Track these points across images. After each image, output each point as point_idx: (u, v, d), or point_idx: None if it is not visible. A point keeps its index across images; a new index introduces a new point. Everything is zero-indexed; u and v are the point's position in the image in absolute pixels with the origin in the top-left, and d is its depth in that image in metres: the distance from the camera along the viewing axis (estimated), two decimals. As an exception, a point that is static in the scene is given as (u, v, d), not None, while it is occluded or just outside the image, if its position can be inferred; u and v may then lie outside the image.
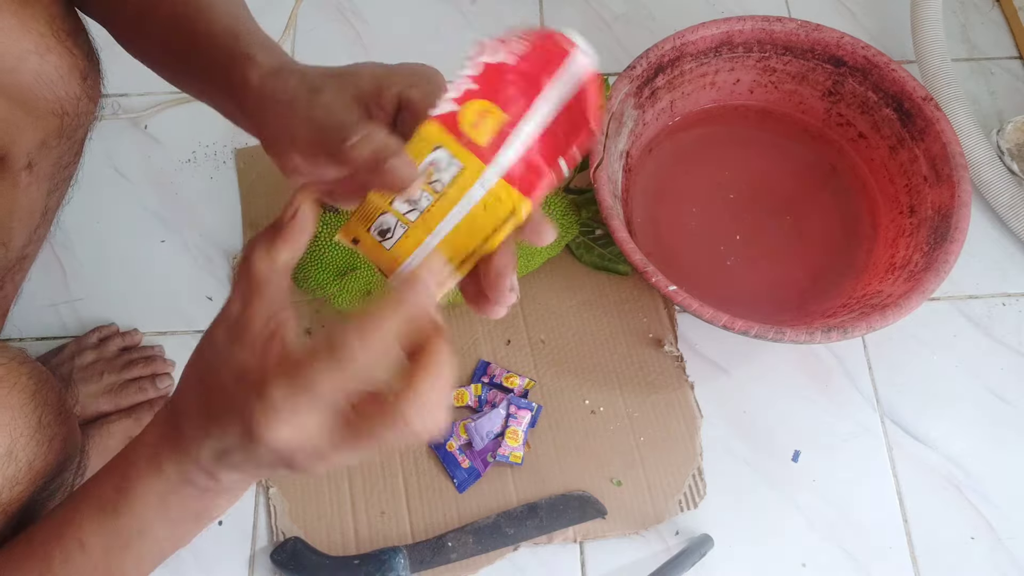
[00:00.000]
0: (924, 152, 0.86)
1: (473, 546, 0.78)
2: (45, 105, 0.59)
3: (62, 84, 0.59)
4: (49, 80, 0.58)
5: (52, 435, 0.50)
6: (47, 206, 0.66)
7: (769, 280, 0.89)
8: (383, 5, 1.10)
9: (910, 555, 0.80)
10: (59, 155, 0.63)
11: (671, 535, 0.80)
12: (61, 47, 0.58)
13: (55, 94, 0.59)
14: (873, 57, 0.88)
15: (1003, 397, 0.87)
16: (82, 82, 0.61)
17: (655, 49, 0.87)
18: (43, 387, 0.50)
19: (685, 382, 0.86)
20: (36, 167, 0.61)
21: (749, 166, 0.95)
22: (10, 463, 0.47)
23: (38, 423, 0.49)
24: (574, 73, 0.40)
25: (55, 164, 0.64)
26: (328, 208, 0.80)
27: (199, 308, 0.91)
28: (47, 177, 0.63)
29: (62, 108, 0.60)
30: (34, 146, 0.60)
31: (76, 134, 0.64)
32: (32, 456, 0.48)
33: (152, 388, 0.83)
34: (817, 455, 0.84)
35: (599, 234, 0.90)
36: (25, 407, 0.48)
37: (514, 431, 0.81)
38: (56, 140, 0.62)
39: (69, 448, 0.51)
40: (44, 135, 0.60)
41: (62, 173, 0.66)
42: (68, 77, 0.59)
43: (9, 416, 0.47)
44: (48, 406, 0.50)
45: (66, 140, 0.63)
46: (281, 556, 0.77)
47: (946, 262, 0.78)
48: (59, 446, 0.50)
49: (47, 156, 0.62)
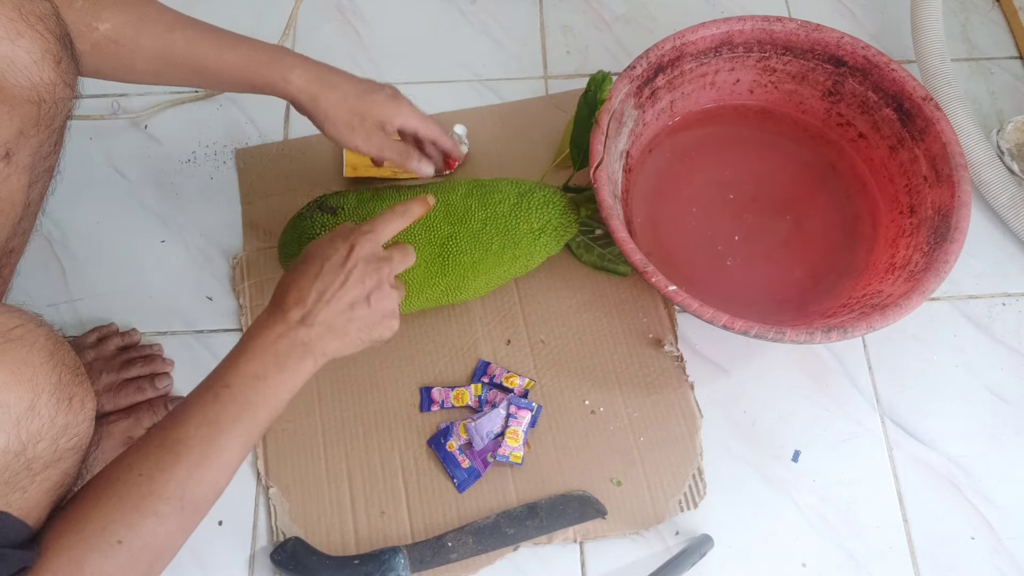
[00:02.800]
0: (924, 152, 0.86)
1: (473, 546, 0.78)
2: (20, 92, 0.58)
3: (36, 70, 0.59)
4: (23, 66, 0.58)
5: (71, 394, 0.51)
6: (29, 198, 0.65)
7: (769, 280, 0.89)
8: (383, 5, 1.10)
9: (910, 555, 0.80)
10: (38, 144, 0.62)
11: (671, 535, 0.80)
12: (32, 31, 0.58)
13: (29, 80, 0.59)
14: (873, 57, 0.88)
15: (1003, 397, 0.87)
16: (56, 66, 0.60)
17: (655, 49, 0.87)
18: (60, 348, 0.52)
19: (685, 382, 0.86)
20: (14, 157, 0.60)
21: (749, 166, 0.95)
22: (33, 418, 0.49)
23: (58, 380, 0.50)
24: None
25: (34, 154, 0.63)
26: (326, 210, 0.80)
27: (199, 308, 0.91)
28: (27, 168, 0.62)
29: (38, 95, 0.60)
30: (11, 136, 0.59)
31: (54, 122, 0.63)
32: (53, 412, 0.50)
33: (151, 388, 0.83)
34: (817, 455, 0.84)
35: (599, 234, 0.90)
36: (45, 364, 0.50)
37: (514, 431, 0.81)
38: (33, 129, 0.61)
39: (87, 408, 0.53)
40: (20, 124, 0.59)
41: (43, 164, 0.65)
42: (41, 62, 0.59)
43: (31, 372, 0.49)
44: (65, 366, 0.52)
45: (44, 129, 0.62)
46: (281, 556, 0.77)
47: (946, 262, 0.78)
48: (78, 405, 0.52)
49: (25, 146, 0.61)
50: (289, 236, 0.82)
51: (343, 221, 0.80)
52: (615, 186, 0.86)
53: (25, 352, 0.49)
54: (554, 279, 0.91)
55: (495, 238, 0.82)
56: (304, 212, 0.82)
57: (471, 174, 0.97)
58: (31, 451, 0.49)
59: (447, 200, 0.82)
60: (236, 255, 0.93)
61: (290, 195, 0.95)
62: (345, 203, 0.81)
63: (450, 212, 0.82)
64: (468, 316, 0.89)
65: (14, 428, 0.48)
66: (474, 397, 0.84)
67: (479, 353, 0.87)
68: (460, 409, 0.85)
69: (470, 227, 0.81)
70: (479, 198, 0.83)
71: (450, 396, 0.84)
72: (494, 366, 0.86)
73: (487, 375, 0.86)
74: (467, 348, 0.88)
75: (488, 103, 1.02)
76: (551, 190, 0.86)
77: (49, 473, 0.51)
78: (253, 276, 0.91)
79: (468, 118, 1.00)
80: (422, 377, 0.86)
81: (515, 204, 0.83)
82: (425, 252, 0.80)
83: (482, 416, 0.82)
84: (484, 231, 0.82)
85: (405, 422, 0.84)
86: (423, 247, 0.80)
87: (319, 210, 0.81)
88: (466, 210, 0.82)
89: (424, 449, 0.83)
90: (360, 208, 0.81)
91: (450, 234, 0.81)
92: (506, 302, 0.90)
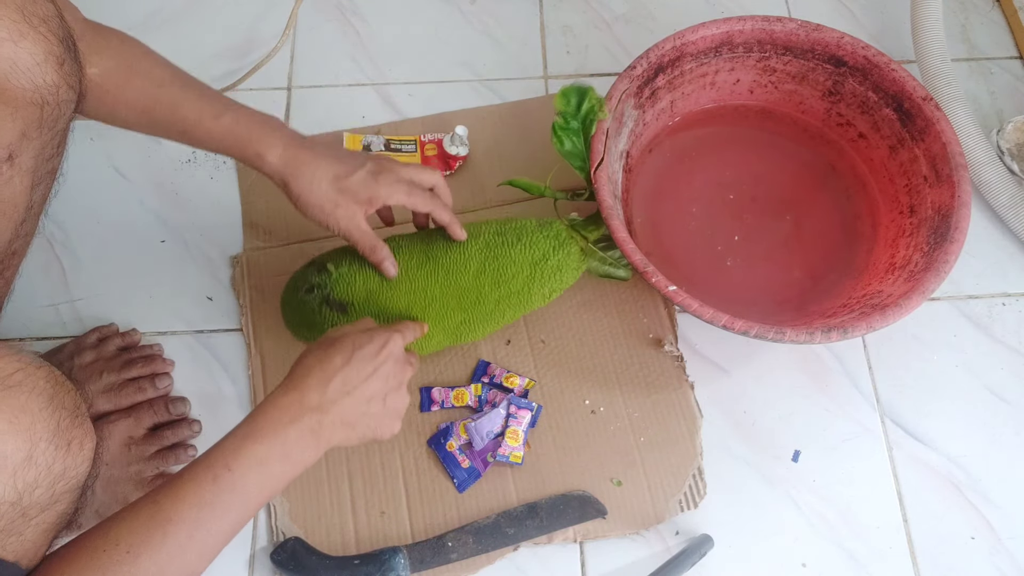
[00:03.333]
0: (924, 152, 0.86)
1: (473, 546, 0.78)
2: (23, 95, 0.58)
3: (39, 71, 0.59)
4: (26, 68, 0.58)
5: (70, 438, 0.50)
6: (32, 200, 0.64)
7: (769, 280, 0.89)
8: (383, 5, 1.10)
9: (910, 555, 0.80)
10: (41, 147, 0.62)
11: (671, 535, 0.80)
12: (35, 33, 0.58)
13: (32, 82, 0.58)
14: (873, 57, 0.88)
15: (1003, 397, 0.87)
16: (59, 68, 0.60)
17: (655, 49, 0.87)
18: (59, 389, 0.51)
19: (685, 382, 0.86)
20: (17, 160, 0.60)
21: (749, 166, 0.95)
22: (30, 467, 0.48)
23: (56, 426, 0.50)
24: None
25: (37, 156, 0.62)
26: (335, 307, 0.76)
27: (199, 308, 0.91)
28: (30, 171, 0.62)
29: (41, 97, 0.60)
30: (14, 138, 0.59)
31: (57, 124, 0.63)
32: (51, 460, 0.49)
33: (151, 388, 0.83)
34: (817, 455, 0.84)
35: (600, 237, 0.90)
36: (44, 411, 0.49)
37: (514, 431, 0.81)
38: (37, 131, 0.61)
39: (86, 450, 0.52)
40: (24, 126, 0.59)
41: (46, 166, 0.65)
42: (44, 64, 0.59)
43: (29, 420, 0.48)
44: (65, 409, 0.51)
45: (47, 131, 0.62)
46: (281, 556, 0.77)
47: (946, 262, 0.78)
48: (76, 448, 0.51)
49: (28, 148, 0.61)
50: (294, 319, 0.79)
51: (353, 319, 0.76)
52: (615, 186, 0.86)
53: (24, 399, 0.48)
54: (554, 279, 0.91)
55: (508, 311, 0.80)
56: (308, 302, 0.76)
57: (471, 174, 0.97)
58: (27, 499, 0.48)
59: (458, 283, 0.77)
60: (236, 255, 0.93)
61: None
62: (353, 295, 0.76)
63: (462, 297, 0.77)
64: (468, 316, 0.89)
65: (11, 478, 0.47)
66: (474, 397, 0.84)
67: (479, 353, 0.87)
68: (460, 409, 0.85)
69: (483, 309, 0.79)
70: (491, 276, 0.78)
71: (450, 396, 0.84)
72: (494, 366, 0.86)
73: (487, 375, 0.86)
74: (467, 348, 0.88)
75: (488, 103, 1.02)
76: (565, 252, 0.81)
77: (45, 516, 0.50)
78: (253, 276, 0.91)
79: (468, 118, 1.00)
80: (422, 377, 0.86)
81: (529, 276, 0.79)
82: (439, 338, 0.79)
83: (482, 416, 0.82)
84: (497, 310, 0.79)
85: (405, 422, 0.84)
86: (436, 333, 0.78)
87: (327, 306, 0.76)
88: (479, 293, 0.78)
89: (424, 449, 0.83)
90: (369, 303, 0.76)
91: (463, 320, 0.78)
92: (506, 302, 0.90)
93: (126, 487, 0.78)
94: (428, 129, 1.00)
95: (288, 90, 1.04)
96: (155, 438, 0.80)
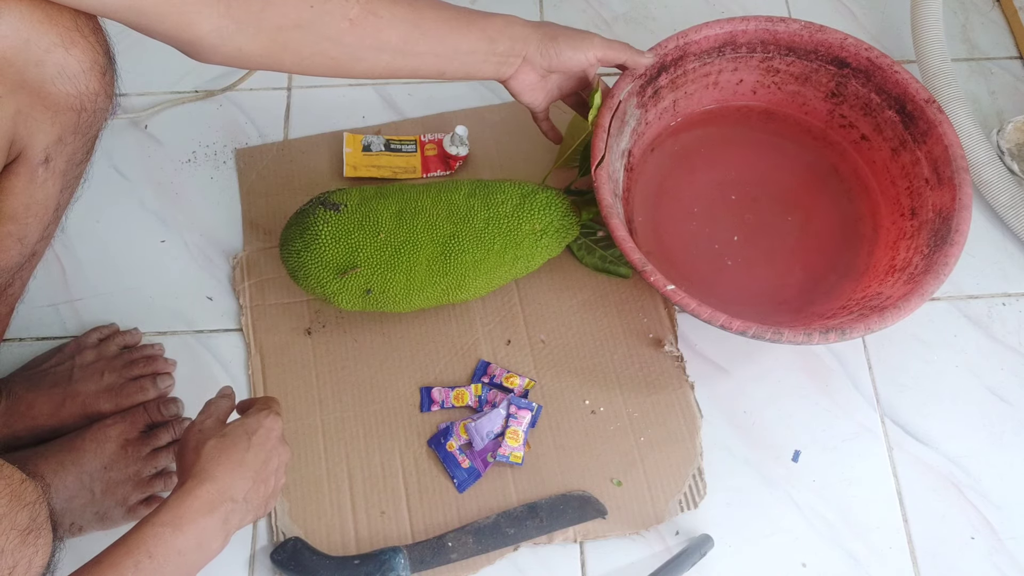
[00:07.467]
0: (926, 154, 0.86)
1: (473, 546, 0.78)
2: (65, 100, 0.60)
3: (83, 79, 0.60)
4: (72, 74, 0.59)
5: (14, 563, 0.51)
6: (59, 203, 0.67)
7: (769, 281, 0.89)
8: (383, 4, 1.10)
9: (910, 555, 0.80)
10: (73, 151, 0.64)
11: (671, 535, 0.80)
12: (85, 41, 0.59)
13: (76, 89, 0.60)
14: (876, 59, 0.88)
15: (1003, 397, 0.87)
16: (101, 77, 0.62)
17: (658, 48, 0.87)
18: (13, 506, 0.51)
19: (685, 382, 0.86)
20: (52, 163, 0.62)
21: (751, 167, 0.95)
22: None
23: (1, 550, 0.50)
24: None
25: (69, 160, 0.64)
26: (330, 207, 0.80)
27: (199, 308, 0.91)
28: (61, 173, 0.64)
29: (81, 104, 0.61)
30: (51, 141, 0.61)
31: (90, 131, 0.65)
32: None
33: (153, 387, 0.83)
34: (817, 455, 0.84)
35: (600, 235, 0.90)
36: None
37: (514, 431, 0.81)
38: (72, 136, 0.63)
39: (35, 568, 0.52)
40: (61, 130, 0.61)
41: (75, 170, 0.67)
42: (89, 72, 0.60)
43: None
44: (15, 530, 0.51)
45: (81, 136, 0.64)
46: (281, 556, 0.77)
47: (946, 264, 0.78)
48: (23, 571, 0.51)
49: (62, 152, 0.63)
50: (292, 232, 0.82)
51: (347, 217, 0.80)
52: (616, 185, 0.86)
53: None
54: (554, 279, 0.91)
55: (497, 238, 0.82)
56: (307, 208, 0.82)
57: (472, 174, 0.97)
58: None
59: (450, 199, 0.82)
60: (236, 255, 0.93)
61: (290, 195, 0.95)
62: (348, 199, 0.81)
63: (453, 211, 0.82)
64: (468, 316, 0.89)
65: None
66: (474, 397, 0.84)
67: (479, 353, 0.87)
68: (460, 409, 0.85)
69: (473, 226, 0.82)
70: (482, 198, 0.83)
71: (450, 396, 0.84)
72: (494, 366, 0.86)
73: (487, 375, 0.86)
74: (467, 348, 0.88)
75: (488, 103, 1.02)
76: (553, 192, 0.86)
77: None
78: (253, 276, 0.91)
79: (468, 118, 1.00)
80: (422, 377, 0.86)
81: (518, 205, 0.83)
82: (428, 250, 0.80)
83: (482, 416, 0.82)
84: (487, 231, 0.82)
85: (405, 422, 0.84)
86: (426, 245, 0.80)
87: (322, 206, 0.81)
88: (469, 209, 0.82)
89: (424, 449, 0.83)
90: (363, 205, 0.81)
91: (453, 233, 0.81)
92: (506, 302, 0.90)
93: (125, 488, 0.78)
94: (428, 129, 1.00)
95: (288, 90, 1.03)
96: (150, 438, 0.81)
